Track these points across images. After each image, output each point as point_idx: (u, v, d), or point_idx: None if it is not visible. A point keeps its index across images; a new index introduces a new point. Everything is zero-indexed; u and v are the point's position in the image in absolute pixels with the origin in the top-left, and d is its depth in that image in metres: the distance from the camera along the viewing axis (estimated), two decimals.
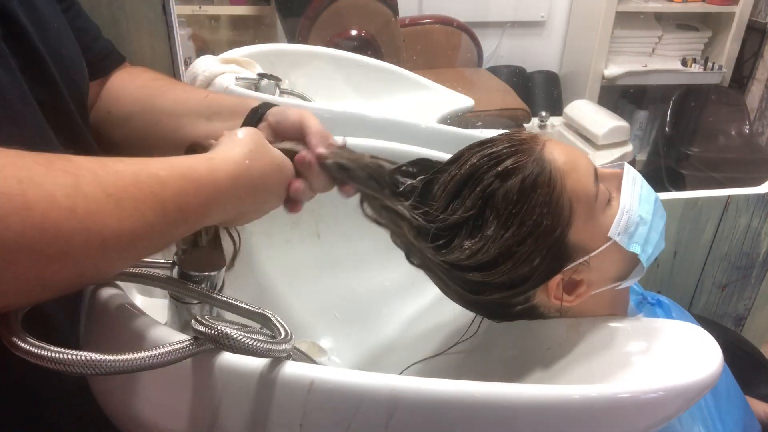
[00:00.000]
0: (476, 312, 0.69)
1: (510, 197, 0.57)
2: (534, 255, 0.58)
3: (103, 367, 0.38)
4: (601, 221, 0.60)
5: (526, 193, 0.57)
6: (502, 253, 0.58)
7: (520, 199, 0.57)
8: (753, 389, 0.96)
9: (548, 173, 0.58)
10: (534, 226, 0.57)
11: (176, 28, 0.90)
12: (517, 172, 0.58)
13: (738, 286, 1.33)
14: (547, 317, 0.65)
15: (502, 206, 0.58)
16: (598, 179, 0.61)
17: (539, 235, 0.58)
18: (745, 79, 2.66)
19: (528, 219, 0.57)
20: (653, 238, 0.62)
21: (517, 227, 0.57)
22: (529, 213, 0.57)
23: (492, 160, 0.59)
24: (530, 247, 0.58)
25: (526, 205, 0.57)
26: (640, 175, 0.65)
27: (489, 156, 0.59)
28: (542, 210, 0.57)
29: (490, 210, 0.58)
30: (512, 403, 0.44)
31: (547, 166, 0.58)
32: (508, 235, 0.57)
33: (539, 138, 0.61)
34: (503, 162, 0.59)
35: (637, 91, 2.74)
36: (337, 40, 1.74)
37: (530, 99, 2.53)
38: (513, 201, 0.57)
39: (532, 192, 0.57)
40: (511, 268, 0.58)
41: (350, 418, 0.43)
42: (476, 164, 0.59)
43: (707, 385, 0.49)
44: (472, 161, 0.60)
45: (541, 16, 2.63)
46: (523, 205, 0.57)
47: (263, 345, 0.43)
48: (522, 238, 0.57)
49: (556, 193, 0.58)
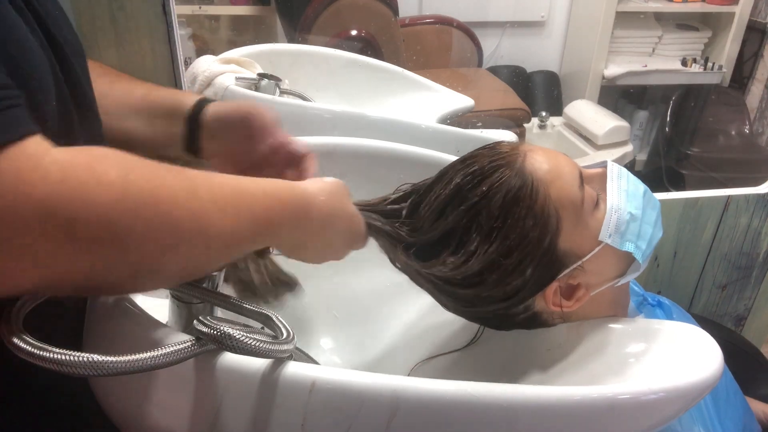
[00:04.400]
0: (482, 324, 0.70)
1: (492, 212, 0.58)
2: (524, 266, 0.58)
3: (104, 368, 0.38)
4: (590, 225, 0.60)
5: (508, 208, 0.58)
6: (487, 266, 0.58)
7: (502, 214, 0.58)
8: (753, 389, 0.96)
9: (530, 185, 0.58)
10: (520, 238, 0.57)
11: (176, 28, 0.90)
12: (499, 187, 0.58)
13: (738, 286, 1.33)
14: (550, 324, 0.65)
15: (485, 222, 0.58)
16: (583, 183, 0.61)
17: (527, 247, 0.58)
18: (745, 79, 2.66)
19: (512, 232, 0.57)
20: (646, 232, 0.62)
21: (501, 241, 0.58)
22: (513, 226, 0.58)
23: (475, 178, 0.60)
24: (518, 258, 0.58)
25: (510, 219, 0.58)
26: (625, 170, 0.64)
27: (472, 174, 0.60)
28: (528, 222, 0.57)
29: (474, 226, 0.59)
30: (513, 404, 0.44)
31: (528, 178, 0.58)
32: (491, 249, 0.58)
33: (520, 149, 0.61)
34: (486, 179, 0.59)
35: (637, 91, 2.74)
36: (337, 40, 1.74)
37: (530, 99, 2.53)
38: (495, 216, 0.58)
39: (515, 206, 0.58)
40: (500, 281, 0.59)
41: (352, 418, 0.43)
42: (459, 183, 0.60)
43: (708, 386, 0.49)
44: (456, 181, 0.60)
45: (541, 16, 2.63)
46: (506, 219, 0.58)
47: (265, 345, 0.43)
48: (507, 251, 0.58)
49: (539, 203, 0.58)
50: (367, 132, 0.93)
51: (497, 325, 0.67)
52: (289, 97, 1.12)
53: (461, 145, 0.98)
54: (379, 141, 0.90)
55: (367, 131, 0.93)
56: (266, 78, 1.07)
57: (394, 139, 0.91)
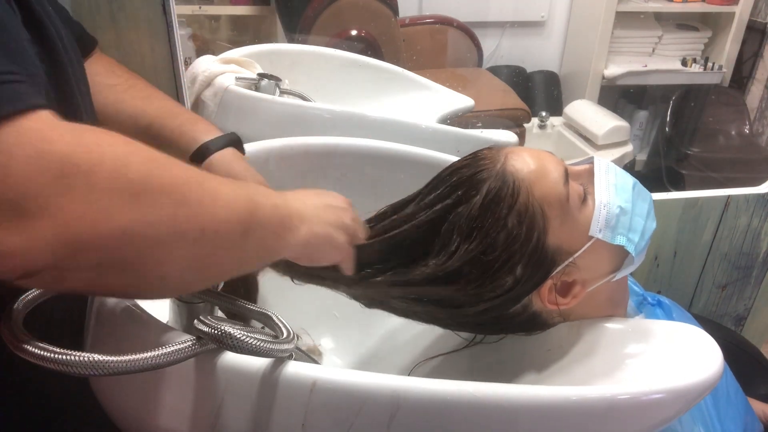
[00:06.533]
0: (483, 332, 0.70)
1: (473, 213, 0.58)
2: (514, 264, 0.58)
3: (105, 367, 0.38)
4: (579, 221, 0.60)
5: (489, 207, 0.58)
6: (468, 263, 0.58)
7: (482, 214, 0.58)
8: (753, 389, 0.96)
9: (510, 184, 0.58)
10: (505, 236, 0.58)
11: (176, 28, 0.90)
12: (479, 190, 0.59)
13: (738, 286, 1.33)
14: (550, 324, 0.65)
15: (465, 223, 0.58)
16: (568, 179, 0.61)
17: (514, 245, 0.58)
18: (745, 79, 2.66)
19: (493, 230, 0.58)
20: (638, 224, 0.62)
21: (482, 239, 0.58)
22: (495, 225, 0.58)
23: (457, 185, 0.60)
24: (505, 256, 0.58)
25: (491, 219, 0.58)
26: (613, 165, 0.65)
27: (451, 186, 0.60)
28: (511, 220, 0.58)
29: (454, 228, 0.59)
30: (513, 404, 0.44)
31: (509, 179, 0.59)
32: (471, 247, 0.58)
33: (501, 151, 0.62)
34: (466, 183, 0.59)
35: (637, 91, 2.74)
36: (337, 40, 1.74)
37: (530, 99, 2.53)
38: (475, 216, 0.58)
39: (496, 205, 0.58)
40: (486, 278, 0.59)
41: (353, 418, 0.43)
42: (440, 194, 0.61)
43: (708, 386, 0.49)
44: (438, 191, 0.61)
45: (541, 16, 2.63)
46: (486, 219, 0.58)
47: (266, 345, 0.43)
48: (489, 248, 0.58)
49: (521, 202, 0.58)
50: (367, 132, 0.93)
51: (498, 330, 0.67)
52: (289, 97, 1.12)
53: (461, 145, 0.98)
54: (379, 141, 0.90)
55: (367, 131, 0.93)
56: (266, 78, 1.07)
57: (394, 139, 0.91)
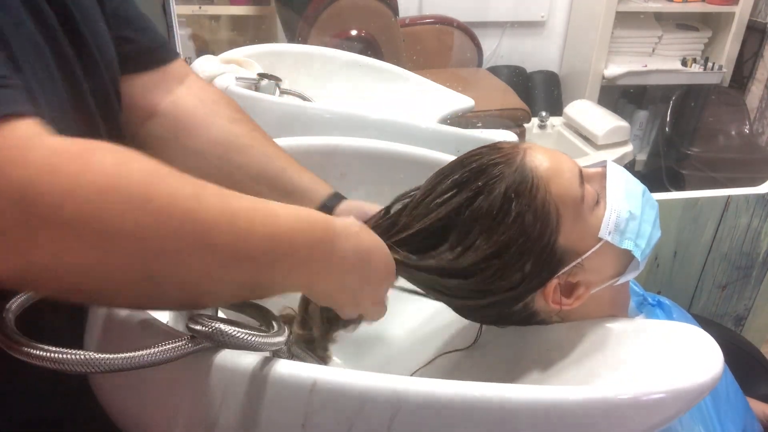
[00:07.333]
0: (479, 321, 0.70)
1: (493, 207, 0.58)
2: (524, 261, 0.58)
3: (101, 365, 0.39)
4: (590, 222, 0.60)
5: (508, 202, 0.58)
6: (484, 258, 0.58)
7: (503, 208, 0.58)
8: (753, 389, 0.96)
9: (530, 180, 0.58)
10: (520, 233, 0.57)
11: (176, 28, 0.90)
12: (500, 182, 0.58)
13: (738, 286, 1.33)
14: (548, 323, 0.65)
15: (485, 216, 0.58)
16: (583, 181, 0.61)
17: (527, 242, 0.58)
18: (745, 79, 2.66)
19: (512, 227, 0.57)
20: (645, 231, 0.62)
21: (500, 235, 0.58)
22: (514, 221, 0.57)
23: (473, 174, 0.59)
24: (517, 253, 0.58)
25: (510, 214, 0.57)
26: (625, 170, 0.65)
27: (470, 171, 0.60)
28: (527, 217, 0.57)
29: (474, 220, 0.58)
30: (514, 405, 0.44)
31: (528, 174, 0.58)
32: (490, 242, 0.58)
33: (520, 146, 0.62)
34: (485, 175, 0.59)
35: (637, 91, 2.74)
36: (337, 40, 1.74)
37: (530, 99, 2.54)
38: (495, 210, 0.58)
39: (515, 200, 0.58)
40: (497, 274, 0.58)
41: (353, 418, 0.43)
42: (458, 180, 0.60)
43: (708, 386, 0.49)
44: (454, 178, 0.60)
45: (541, 16, 2.63)
46: (507, 214, 0.57)
47: (257, 339, 0.44)
48: (506, 245, 0.58)
49: (539, 199, 0.58)
50: (367, 132, 0.93)
51: (494, 321, 0.67)
52: (289, 97, 1.12)
53: (461, 145, 0.98)
54: (379, 141, 0.90)
55: (367, 131, 0.93)
56: (266, 78, 1.07)
57: (394, 139, 0.91)
